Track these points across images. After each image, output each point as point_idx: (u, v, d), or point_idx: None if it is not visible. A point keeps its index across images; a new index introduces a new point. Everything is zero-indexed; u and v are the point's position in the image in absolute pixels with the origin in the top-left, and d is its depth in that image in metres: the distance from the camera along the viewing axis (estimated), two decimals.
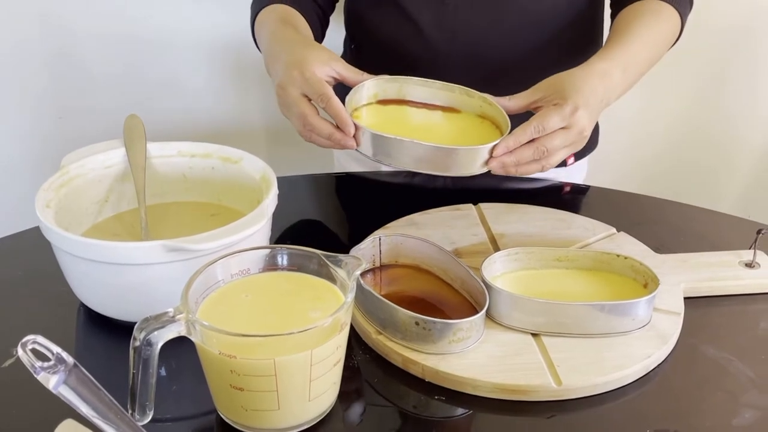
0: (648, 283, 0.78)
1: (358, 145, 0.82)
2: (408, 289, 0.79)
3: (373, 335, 0.74)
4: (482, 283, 0.74)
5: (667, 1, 1.02)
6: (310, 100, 0.86)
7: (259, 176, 0.85)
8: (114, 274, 0.72)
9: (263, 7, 1.06)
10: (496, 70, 1.06)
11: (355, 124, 0.81)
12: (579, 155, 1.20)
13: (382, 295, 0.73)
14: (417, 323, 0.70)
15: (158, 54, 1.51)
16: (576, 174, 1.22)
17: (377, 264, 0.82)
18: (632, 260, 0.80)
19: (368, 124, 0.83)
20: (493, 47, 1.05)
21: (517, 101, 0.86)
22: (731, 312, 0.81)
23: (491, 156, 0.80)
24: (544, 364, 0.70)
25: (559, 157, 0.84)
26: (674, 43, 1.04)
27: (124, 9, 1.41)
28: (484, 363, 0.70)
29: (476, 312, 0.72)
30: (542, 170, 0.84)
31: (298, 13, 1.05)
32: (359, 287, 0.73)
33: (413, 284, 0.80)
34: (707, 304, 0.81)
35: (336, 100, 0.82)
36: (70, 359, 0.50)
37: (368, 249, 0.81)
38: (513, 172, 0.82)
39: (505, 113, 0.85)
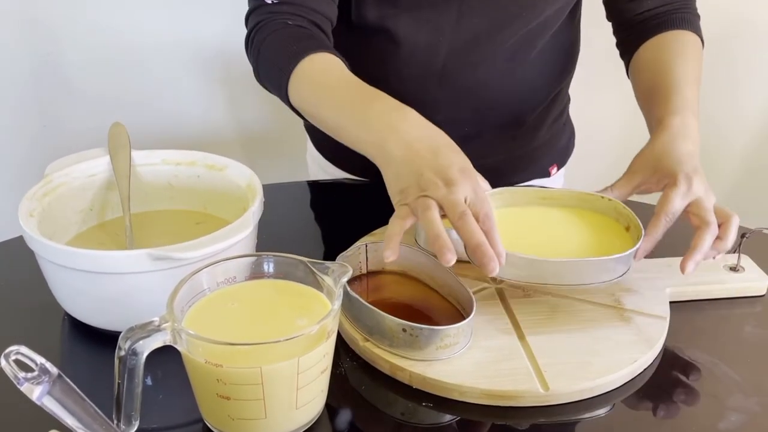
0: (630, 226, 0.79)
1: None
2: (395, 296, 0.79)
3: (360, 342, 0.73)
4: (470, 291, 0.74)
5: (684, 28, 1.01)
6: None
7: (245, 184, 0.84)
8: (99, 283, 0.71)
9: (297, 64, 0.86)
10: (485, 105, 1.05)
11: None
12: (561, 163, 1.20)
13: (369, 302, 0.72)
14: (404, 330, 0.69)
15: (143, 62, 1.51)
16: (560, 180, 1.22)
17: (364, 271, 0.82)
18: (616, 202, 0.81)
19: None
20: (482, 81, 1.02)
21: (620, 191, 0.84)
22: (716, 316, 0.81)
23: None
24: (531, 370, 0.70)
25: (731, 231, 0.79)
26: None
27: (109, 18, 1.40)
28: (471, 369, 0.69)
29: (463, 318, 0.72)
30: (728, 246, 0.79)
31: (338, 60, 0.90)
32: (346, 294, 0.73)
33: (400, 291, 0.80)
34: (693, 308, 0.81)
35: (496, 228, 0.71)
36: (54, 370, 0.49)
37: (355, 256, 0.80)
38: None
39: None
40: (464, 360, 0.71)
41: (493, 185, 1.09)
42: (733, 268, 0.85)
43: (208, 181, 0.89)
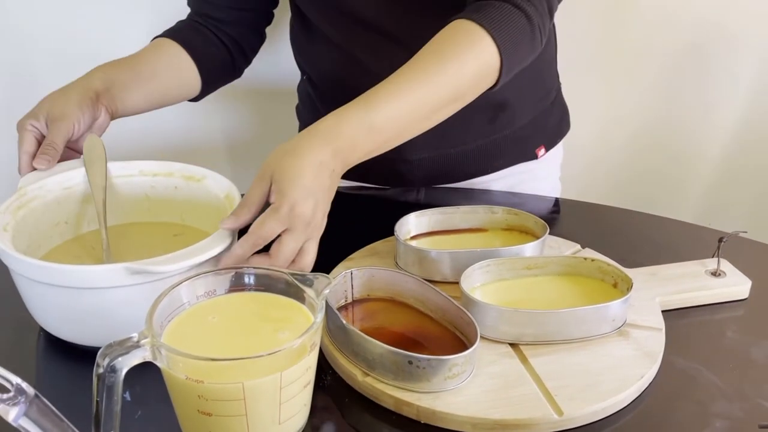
0: (617, 282, 0.75)
1: None
2: (386, 325, 0.72)
3: (360, 378, 0.66)
4: (468, 313, 0.68)
5: (468, 18, 0.78)
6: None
7: (224, 195, 0.80)
8: (74, 298, 0.67)
9: (158, 36, 1.01)
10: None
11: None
12: (549, 144, 1.10)
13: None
14: (410, 362, 0.62)
15: None
16: (552, 162, 1.13)
17: (350, 300, 0.75)
18: (599, 262, 0.76)
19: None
20: None
21: (245, 213, 0.71)
22: (699, 322, 0.78)
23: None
24: (541, 395, 0.64)
25: (309, 257, 0.71)
26: (499, 74, 0.78)
27: (80, 24, 1.38)
28: (480, 399, 0.63)
29: (460, 341, 0.66)
30: (307, 269, 0.71)
31: (170, 51, 0.99)
32: (342, 329, 0.67)
33: (391, 319, 0.73)
34: (675, 316, 0.78)
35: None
36: (30, 390, 0.47)
37: (340, 285, 0.73)
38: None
39: (535, 217, 0.84)
40: (472, 389, 0.64)
41: (475, 172, 1.05)
42: (714, 273, 0.82)
43: (186, 192, 0.84)
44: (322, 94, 1.05)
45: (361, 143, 0.72)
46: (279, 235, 0.69)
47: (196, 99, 1.03)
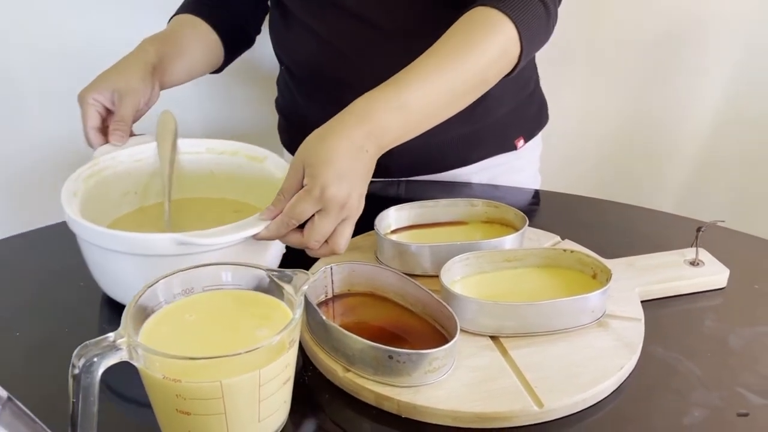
0: (597, 273, 0.75)
1: None
2: (367, 319, 0.71)
3: (341, 373, 0.65)
4: (448, 307, 0.67)
5: (490, 5, 0.79)
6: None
7: (281, 175, 0.79)
8: (127, 263, 0.71)
9: (178, 13, 1.03)
10: None
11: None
12: (528, 135, 1.09)
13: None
14: (390, 357, 0.62)
15: None
16: (531, 153, 1.13)
17: (329, 295, 0.74)
18: (578, 253, 0.76)
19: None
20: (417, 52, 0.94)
21: (282, 202, 0.72)
22: (678, 311, 0.78)
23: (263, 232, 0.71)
24: (521, 387, 0.63)
25: (342, 238, 0.72)
26: (521, 54, 0.80)
27: (82, 27, 1.36)
28: (461, 392, 0.63)
29: (441, 335, 0.66)
30: (339, 250, 0.72)
31: (197, 26, 1.01)
32: (322, 325, 0.66)
33: (371, 313, 0.72)
34: (654, 305, 0.78)
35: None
36: (3, 393, 0.46)
37: (320, 280, 0.72)
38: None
39: (515, 210, 0.84)
40: (452, 383, 0.64)
41: (455, 163, 1.04)
42: (693, 263, 0.82)
43: (249, 171, 0.87)
44: (301, 83, 1.05)
45: (393, 124, 0.72)
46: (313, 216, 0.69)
47: (218, 71, 1.06)
